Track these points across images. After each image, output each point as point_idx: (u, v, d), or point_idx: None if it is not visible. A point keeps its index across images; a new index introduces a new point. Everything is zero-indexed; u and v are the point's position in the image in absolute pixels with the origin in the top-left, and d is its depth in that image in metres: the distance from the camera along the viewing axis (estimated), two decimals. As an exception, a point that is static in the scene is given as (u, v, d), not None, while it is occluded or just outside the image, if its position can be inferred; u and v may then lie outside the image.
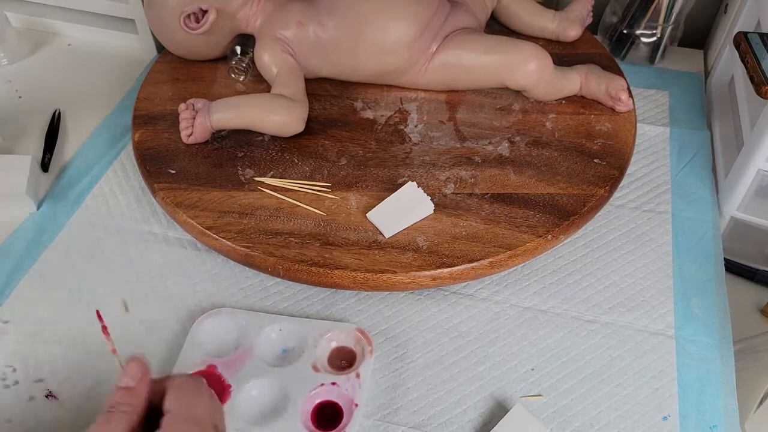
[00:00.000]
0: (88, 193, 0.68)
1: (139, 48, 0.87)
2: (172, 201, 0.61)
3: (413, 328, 0.57)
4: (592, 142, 0.66)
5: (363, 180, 0.63)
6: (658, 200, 0.67)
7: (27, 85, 0.82)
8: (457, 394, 0.53)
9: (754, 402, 0.54)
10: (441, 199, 0.61)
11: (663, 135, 0.74)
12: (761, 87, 0.56)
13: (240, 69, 0.73)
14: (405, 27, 0.67)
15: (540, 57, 0.67)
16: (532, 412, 0.50)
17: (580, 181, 0.62)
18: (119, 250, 0.63)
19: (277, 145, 0.66)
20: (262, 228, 0.58)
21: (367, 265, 0.55)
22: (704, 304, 0.58)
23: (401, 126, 0.69)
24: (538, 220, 0.59)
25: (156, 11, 0.72)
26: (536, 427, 0.49)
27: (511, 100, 0.71)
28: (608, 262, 0.62)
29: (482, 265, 0.56)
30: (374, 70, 0.71)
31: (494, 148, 0.66)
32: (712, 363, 0.54)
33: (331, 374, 0.52)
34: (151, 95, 0.72)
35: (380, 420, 0.51)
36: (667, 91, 0.80)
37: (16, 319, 0.58)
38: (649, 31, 0.81)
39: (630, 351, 0.55)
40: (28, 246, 0.63)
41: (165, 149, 0.66)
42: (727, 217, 0.66)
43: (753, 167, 0.61)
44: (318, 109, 0.71)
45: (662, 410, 0.52)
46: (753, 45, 0.59)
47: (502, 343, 0.56)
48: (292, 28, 0.69)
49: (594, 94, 0.70)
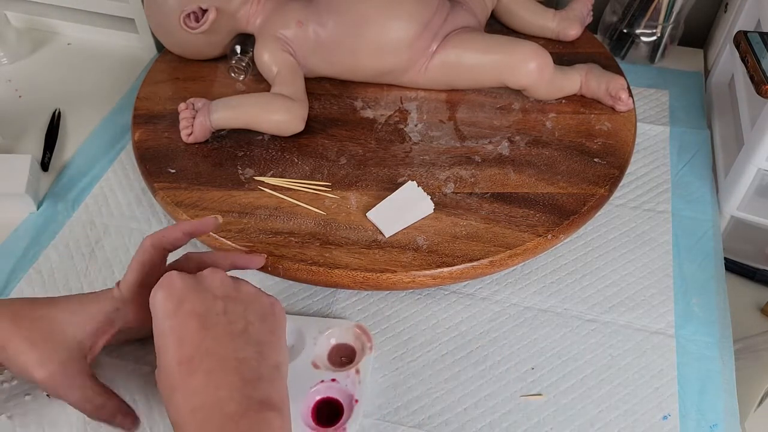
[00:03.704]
0: (88, 193, 0.68)
1: (139, 47, 0.87)
2: (172, 200, 0.61)
3: (413, 327, 0.57)
4: (592, 142, 0.66)
5: (363, 179, 0.63)
6: (658, 199, 0.67)
7: (27, 84, 0.82)
8: (457, 394, 0.53)
9: (754, 401, 0.54)
10: (441, 199, 0.61)
11: (663, 134, 0.74)
12: (761, 86, 0.56)
13: (240, 68, 0.73)
14: (405, 26, 0.67)
15: (540, 56, 0.67)
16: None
17: (580, 181, 0.62)
18: (119, 250, 0.63)
19: (277, 145, 0.66)
20: (262, 227, 0.58)
21: (367, 264, 0.55)
22: (704, 304, 0.58)
23: (401, 125, 0.69)
24: (538, 219, 0.59)
25: (156, 10, 0.72)
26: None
27: (511, 100, 0.71)
28: (608, 261, 0.62)
29: (482, 264, 0.56)
30: (374, 69, 0.71)
31: (494, 148, 0.66)
32: (712, 362, 0.54)
33: (330, 371, 0.52)
34: (151, 95, 0.72)
35: (380, 419, 0.51)
36: (667, 91, 0.80)
37: (16, 319, 0.58)
38: (649, 30, 0.81)
39: (630, 350, 0.55)
40: (28, 245, 0.63)
41: (165, 149, 0.66)
42: (727, 217, 0.66)
43: (753, 166, 0.61)
44: (318, 109, 0.71)
45: (662, 409, 0.52)
46: (753, 44, 0.59)
47: (502, 342, 0.56)
48: (292, 28, 0.69)
49: (594, 93, 0.70)
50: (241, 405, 0.40)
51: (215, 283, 0.45)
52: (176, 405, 0.41)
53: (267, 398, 0.41)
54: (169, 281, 0.43)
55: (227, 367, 0.41)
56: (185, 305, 0.42)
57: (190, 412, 0.40)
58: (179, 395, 0.41)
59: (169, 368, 0.41)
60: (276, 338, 0.45)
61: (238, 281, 0.46)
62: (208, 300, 0.43)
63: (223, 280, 0.45)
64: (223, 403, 0.40)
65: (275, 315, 0.46)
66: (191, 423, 0.40)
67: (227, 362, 0.41)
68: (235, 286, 0.45)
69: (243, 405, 0.40)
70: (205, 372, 0.41)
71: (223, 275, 0.45)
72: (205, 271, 0.45)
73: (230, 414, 0.39)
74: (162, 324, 0.42)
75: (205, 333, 0.42)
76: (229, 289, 0.45)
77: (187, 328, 0.42)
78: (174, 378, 0.41)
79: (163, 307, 0.43)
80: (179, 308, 0.42)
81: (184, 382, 0.41)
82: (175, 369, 0.41)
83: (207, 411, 0.40)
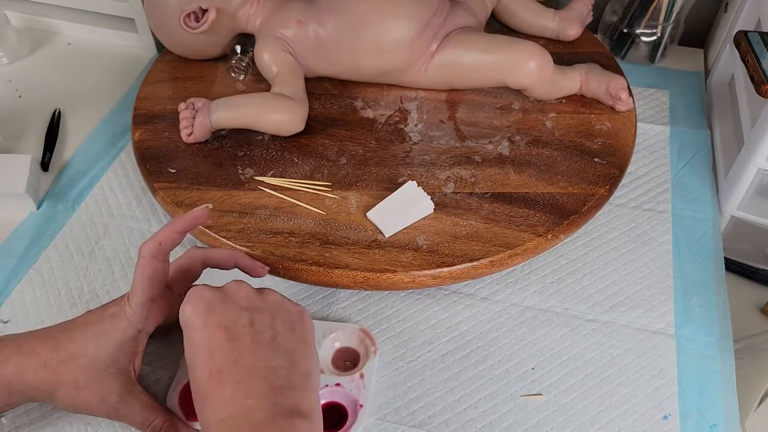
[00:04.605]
0: (88, 193, 0.68)
1: (139, 47, 0.87)
2: (172, 200, 0.61)
3: (413, 327, 0.57)
4: (592, 142, 0.66)
5: (363, 179, 0.63)
6: (659, 199, 0.67)
7: (27, 84, 0.82)
8: (458, 393, 0.53)
9: (754, 401, 0.54)
10: (441, 199, 0.61)
11: (663, 134, 0.74)
12: (761, 86, 0.56)
13: (240, 68, 0.73)
14: (405, 26, 0.67)
15: (540, 56, 0.67)
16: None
17: (580, 180, 0.62)
18: (119, 250, 0.63)
19: (277, 145, 0.66)
20: (262, 227, 0.58)
21: (367, 264, 0.55)
22: (704, 303, 0.58)
23: (401, 125, 0.69)
24: (538, 219, 0.59)
25: (156, 10, 0.72)
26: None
27: (511, 100, 0.71)
28: (608, 261, 0.62)
29: (482, 264, 0.56)
30: (374, 69, 0.71)
31: (494, 148, 0.66)
32: (712, 362, 0.54)
33: (335, 375, 0.52)
34: (151, 94, 0.72)
35: (380, 419, 0.51)
36: (668, 90, 0.80)
37: (16, 319, 0.58)
38: (649, 30, 0.81)
39: (630, 350, 0.55)
40: (28, 245, 0.63)
41: (165, 148, 0.66)
42: (727, 216, 0.66)
43: (753, 166, 0.61)
44: (318, 109, 0.71)
45: (662, 409, 0.52)
46: (753, 44, 0.59)
47: (503, 342, 0.56)
48: (292, 27, 0.69)
49: (594, 93, 0.70)
50: (269, 413, 0.40)
51: (240, 295, 0.45)
52: (207, 416, 0.41)
53: (295, 406, 0.41)
54: (195, 295, 0.44)
55: (256, 376, 0.41)
56: (212, 317, 0.43)
57: (218, 423, 0.40)
58: (209, 407, 0.41)
59: (201, 380, 0.42)
60: (306, 346, 0.45)
61: (262, 291, 0.46)
62: (233, 312, 0.44)
63: (248, 292, 0.45)
64: (251, 411, 0.40)
65: (304, 323, 0.46)
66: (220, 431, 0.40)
67: (256, 371, 0.42)
68: (260, 297, 0.46)
69: (271, 413, 0.40)
70: (234, 382, 0.41)
71: (247, 287, 0.46)
72: (230, 284, 0.46)
73: (257, 422, 0.39)
74: (191, 337, 0.43)
75: (233, 344, 0.42)
76: (255, 300, 0.45)
77: (216, 340, 0.42)
78: (205, 389, 0.41)
79: (192, 321, 0.43)
80: (207, 321, 0.43)
81: (214, 393, 0.41)
82: (206, 381, 0.41)
83: (235, 420, 0.40)
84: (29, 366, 0.45)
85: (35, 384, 0.46)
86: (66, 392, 0.46)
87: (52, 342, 0.46)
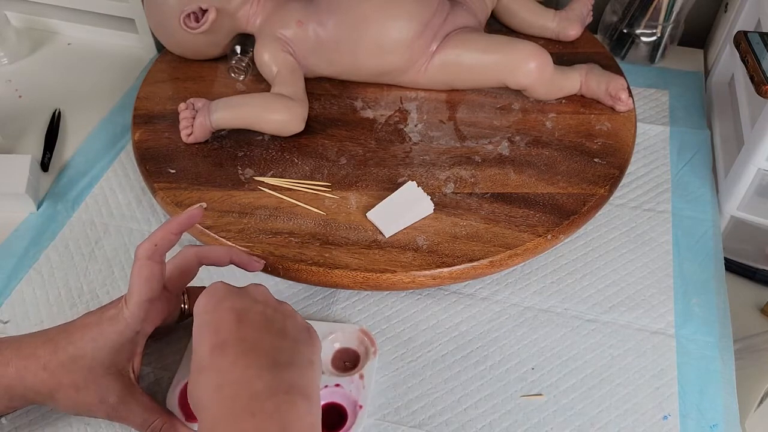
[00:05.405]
0: (88, 193, 0.68)
1: (138, 47, 0.87)
2: (172, 200, 0.61)
3: (413, 327, 0.57)
4: (592, 142, 0.66)
5: (363, 179, 0.63)
6: (658, 199, 0.67)
7: (27, 84, 0.82)
8: (458, 394, 0.53)
9: (754, 401, 0.54)
10: (441, 199, 0.61)
11: (663, 134, 0.74)
12: (761, 86, 0.56)
13: (240, 68, 0.73)
14: (405, 26, 0.67)
15: (540, 56, 0.67)
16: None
17: (580, 181, 0.62)
18: (119, 250, 0.63)
19: (277, 145, 0.66)
20: (261, 227, 0.58)
21: (367, 264, 0.55)
22: (704, 303, 0.58)
23: (401, 125, 0.69)
24: (538, 219, 0.59)
25: (156, 10, 0.72)
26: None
27: (511, 100, 0.71)
28: (608, 261, 0.62)
29: (482, 264, 0.56)
30: (374, 69, 0.71)
31: (494, 148, 0.66)
32: (712, 362, 0.54)
33: (334, 376, 0.52)
34: (150, 95, 0.72)
35: (380, 419, 0.51)
36: (667, 91, 0.80)
37: (16, 319, 0.58)
38: (649, 30, 0.81)
39: (630, 350, 0.55)
40: (28, 245, 0.63)
41: (165, 149, 0.66)
42: (727, 217, 0.66)
43: (753, 166, 0.61)
44: (318, 109, 0.71)
45: (662, 409, 0.52)
46: (753, 44, 0.59)
47: (503, 342, 0.56)
48: (292, 28, 0.69)
49: (594, 93, 0.70)
50: (269, 386, 0.39)
51: (257, 291, 0.45)
52: (203, 386, 0.40)
53: (297, 383, 0.40)
54: (212, 287, 0.44)
55: (259, 350, 0.41)
56: (225, 303, 0.43)
57: (215, 389, 0.39)
58: (205, 376, 0.40)
59: (202, 355, 0.41)
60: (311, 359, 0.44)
61: (280, 301, 0.46)
62: (247, 301, 0.44)
63: (265, 292, 0.46)
64: (252, 381, 0.39)
65: (311, 335, 0.46)
66: (215, 400, 0.39)
67: (260, 346, 0.41)
68: (276, 300, 0.46)
69: (272, 386, 0.39)
70: (236, 353, 0.40)
71: (266, 289, 0.46)
72: (249, 285, 0.46)
73: (257, 393, 0.39)
74: (200, 320, 0.43)
75: (242, 325, 0.42)
76: (270, 300, 0.45)
77: (224, 320, 0.42)
78: (204, 361, 0.41)
79: (204, 307, 0.43)
80: (219, 305, 0.43)
81: (213, 363, 0.40)
82: (207, 354, 0.41)
83: (233, 388, 0.39)
84: (29, 368, 0.45)
85: (35, 386, 0.45)
86: (66, 394, 0.46)
87: (51, 344, 0.46)
